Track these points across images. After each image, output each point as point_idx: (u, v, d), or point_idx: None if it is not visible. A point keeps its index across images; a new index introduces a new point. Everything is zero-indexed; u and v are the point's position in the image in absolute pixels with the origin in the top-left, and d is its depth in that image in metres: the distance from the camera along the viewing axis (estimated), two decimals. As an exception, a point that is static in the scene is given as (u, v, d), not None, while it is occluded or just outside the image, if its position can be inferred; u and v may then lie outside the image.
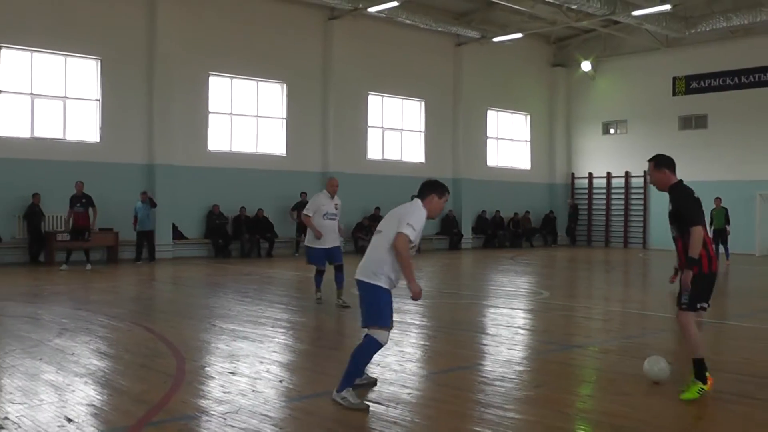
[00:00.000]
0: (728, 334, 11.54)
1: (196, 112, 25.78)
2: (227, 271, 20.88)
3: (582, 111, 36.99)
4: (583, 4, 26.54)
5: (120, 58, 24.06)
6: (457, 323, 12.31)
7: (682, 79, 32.73)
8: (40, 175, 22.30)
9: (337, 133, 28.76)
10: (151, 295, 16.31)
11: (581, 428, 6.47)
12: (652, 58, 33.86)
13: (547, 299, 15.56)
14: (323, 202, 13.32)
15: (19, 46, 22.37)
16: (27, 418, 6.26)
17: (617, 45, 34.88)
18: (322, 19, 28.68)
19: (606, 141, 36.40)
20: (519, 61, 35.25)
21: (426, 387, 7.88)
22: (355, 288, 7.55)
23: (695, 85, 32.42)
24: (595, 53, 35.52)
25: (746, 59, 30.60)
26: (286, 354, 9.55)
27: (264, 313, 12.76)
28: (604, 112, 36.22)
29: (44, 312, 12.54)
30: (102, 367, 8.39)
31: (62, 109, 23.29)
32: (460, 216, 32.88)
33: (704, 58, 31.95)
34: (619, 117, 35.81)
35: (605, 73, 36.04)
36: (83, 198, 20.67)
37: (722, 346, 10.33)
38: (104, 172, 23.40)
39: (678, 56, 33.00)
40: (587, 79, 36.43)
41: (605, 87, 36.05)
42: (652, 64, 33.91)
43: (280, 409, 6.79)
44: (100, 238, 22.76)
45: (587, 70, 35.98)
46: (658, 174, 7.99)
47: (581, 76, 36.46)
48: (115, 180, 23.69)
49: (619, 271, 24.57)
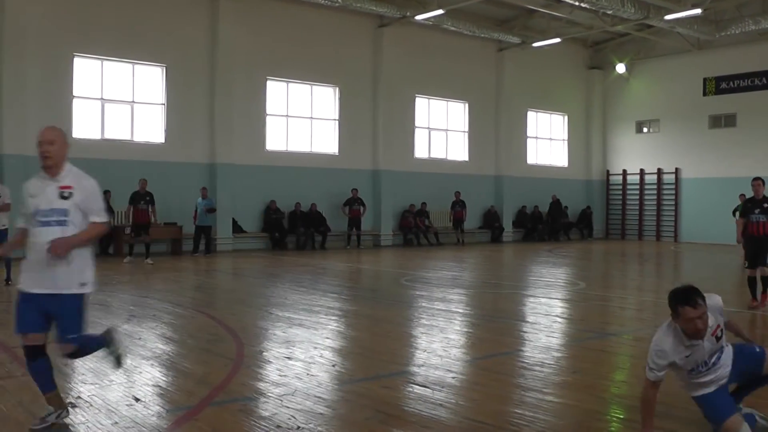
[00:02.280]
0: None
1: (255, 114, 25.92)
2: (283, 263, 20.97)
3: (617, 111, 36.58)
4: (618, 9, 26.21)
5: (184, 65, 24.29)
6: (498, 312, 12.24)
7: (712, 80, 32.20)
8: (110, 173, 22.47)
9: (385, 133, 28.75)
10: (212, 285, 16.45)
11: (616, 412, 6.39)
12: (684, 59, 33.35)
13: (583, 290, 15.41)
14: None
15: (91, 55, 22.64)
16: (98, 398, 6.34)
17: (650, 48, 34.42)
18: (372, 27, 28.67)
19: (639, 139, 35.96)
20: (557, 64, 34.94)
21: (469, 371, 7.84)
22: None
23: (725, 85, 31.88)
24: (630, 56, 35.09)
25: (775, 61, 30.09)
26: (338, 340, 9.56)
27: (318, 301, 12.78)
28: (638, 111, 35.78)
29: (113, 300, 12.68)
30: (167, 351, 8.46)
31: (130, 113, 23.56)
32: (501, 211, 32.69)
33: (733, 59, 31.39)
34: (652, 116, 35.35)
35: (639, 75, 35.59)
36: (147, 196, 20.62)
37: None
38: (169, 171, 23.66)
39: (708, 58, 32.46)
40: (622, 81, 35.99)
41: (639, 88, 35.60)
42: (683, 66, 33.40)
43: (332, 392, 6.79)
44: (164, 231, 22.99)
45: (622, 72, 35.56)
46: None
47: (616, 77, 36.03)
48: (179, 178, 23.93)
49: (652, 263, 24.27)
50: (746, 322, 10.68)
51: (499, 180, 32.91)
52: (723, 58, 31.84)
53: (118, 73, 23.32)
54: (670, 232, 34.40)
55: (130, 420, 5.72)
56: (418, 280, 16.59)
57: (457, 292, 14.72)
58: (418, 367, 7.86)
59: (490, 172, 32.79)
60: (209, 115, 24.72)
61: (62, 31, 21.92)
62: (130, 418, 5.76)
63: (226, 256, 22.86)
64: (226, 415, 5.95)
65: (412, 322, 11.04)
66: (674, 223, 34.21)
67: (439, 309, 12.04)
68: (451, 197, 30.27)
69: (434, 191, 30.13)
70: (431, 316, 11.35)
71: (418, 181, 29.80)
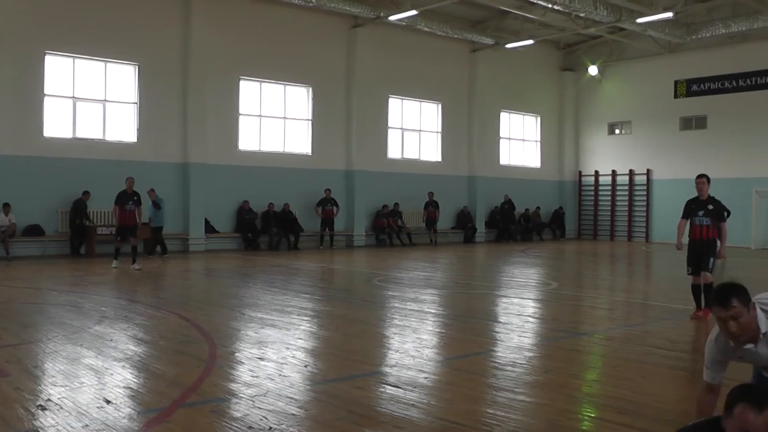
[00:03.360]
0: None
1: (228, 114, 25.83)
2: (256, 263, 20.91)
3: (589, 112, 36.85)
4: (591, 12, 26.39)
5: (156, 64, 24.15)
6: (471, 312, 12.27)
7: (683, 83, 32.51)
8: (82, 172, 22.42)
9: (359, 134, 28.75)
10: (185, 285, 16.35)
11: (587, 411, 6.42)
12: (655, 62, 33.68)
13: (555, 289, 15.50)
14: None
15: (62, 52, 22.47)
16: (68, 400, 6.28)
17: (622, 50, 34.72)
18: (346, 27, 28.66)
19: (611, 141, 36.24)
20: (530, 65, 35.12)
21: (442, 371, 7.85)
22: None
23: (696, 87, 32.20)
24: (602, 58, 35.36)
25: (743, 64, 30.38)
26: (311, 341, 9.54)
27: (290, 302, 12.76)
28: (610, 113, 36.07)
29: (85, 300, 12.58)
30: (139, 352, 8.41)
31: (102, 112, 23.40)
32: (474, 211, 32.81)
33: (704, 62, 31.73)
34: (624, 118, 35.64)
35: (611, 77, 35.86)
36: (134, 196, 18.81)
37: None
38: (141, 171, 23.47)
39: (679, 61, 32.80)
40: (594, 83, 36.26)
41: (611, 90, 35.87)
42: (655, 68, 33.72)
43: (305, 392, 6.78)
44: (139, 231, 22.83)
45: (594, 74, 35.84)
46: None
47: (588, 79, 36.32)
48: (152, 178, 23.77)
49: (623, 263, 24.45)
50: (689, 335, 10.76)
51: (472, 180, 33.02)
52: (694, 61, 32.18)
53: (90, 72, 23.16)
54: (642, 232, 34.68)
55: (100, 422, 5.67)
56: (391, 281, 16.60)
57: (430, 292, 14.74)
58: (390, 367, 7.86)
59: (463, 173, 32.90)
60: (182, 115, 24.61)
61: (33, 29, 21.74)
62: (101, 421, 5.71)
63: (198, 257, 22.76)
64: (197, 417, 5.92)
65: (384, 322, 11.04)
66: (645, 224, 34.50)
67: (411, 309, 12.06)
68: (424, 198, 30.32)
69: (407, 192, 30.16)
70: (404, 316, 11.36)
71: (391, 182, 29.84)
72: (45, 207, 22.06)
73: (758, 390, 4.10)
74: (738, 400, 3.98)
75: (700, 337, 9.85)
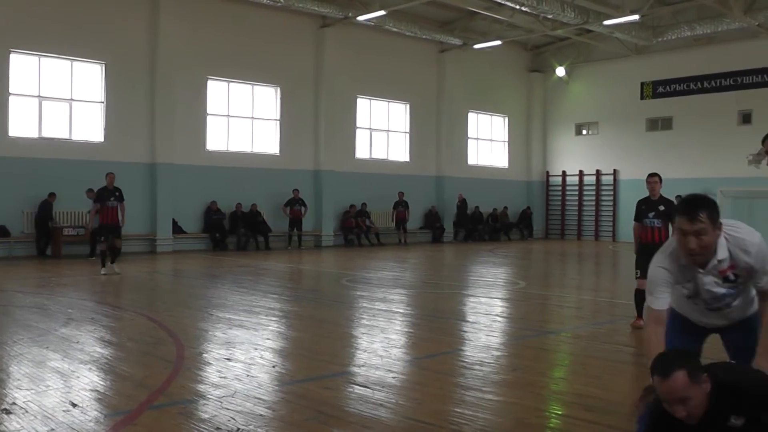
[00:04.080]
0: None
1: (195, 114, 25.68)
2: (224, 264, 20.81)
3: (556, 113, 37.10)
4: (559, 14, 26.58)
5: (123, 63, 23.95)
6: (439, 312, 12.30)
7: (650, 84, 32.77)
8: (48, 173, 22.18)
9: (327, 134, 28.71)
10: (152, 286, 16.24)
11: (555, 408, 6.47)
12: (622, 64, 34.02)
13: (523, 289, 15.58)
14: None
15: (27, 51, 22.22)
16: (34, 404, 6.21)
17: (590, 52, 35.01)
18: (314, 27, 28.61)
19: (579, 141, 36.52)
20: (498, 66, 35.29)
21: (410, 371, 7.86)
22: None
23: (661, 89, 32.47)
24: (569, 60, 35.62)
25: (709, 66, 30.66)
26: (279, 341, 9.52)
27: (258, 302, 12.72)
28: (577, 114, 36.35)
29: (51, 302, 12.45)
30: (105, 355, 8.34)
31: (69, 111, 23.17)
32: (442, 211, 32.90)
33: (670, 64, 32.03)
34: (591, 119, 35.94)
35: (578, 78, 36.14)
36: (116, 192, 17.32)
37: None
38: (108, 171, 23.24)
39: (646, 63, 33.14)
40: (562, 84, 36.52)
41: (578, 91, 36.15)
42: (621, 70, 34.06)
43: (272, 393, 6.76)
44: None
45: (561, 76, 36.10)
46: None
47: (556, 81, 36.58)
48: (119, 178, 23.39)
49: (590, 262, 24.64)
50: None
51: (440, 181, 33.11)
52: (660, 63, 32.50)
53: (56, 70, 22.92)
54: (609, 231, 34.99)
55: (66, 426, 5.61)
56: (359, 281, 16.61)
57: (398, 292, 14.76)
58: (358, 367, 7.87)
59: (431, 173, 32.99)
60: (149, 114, 24.43)
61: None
62: (67, 424, 5.65)
63: (166, 257, 22.61)
64: (165, 419, 5.88)
65: (353, 322, 11.04)
66: (612, 223, 34.82)
67: (380, 309, 12.07)
68: (392, 198, 30.35)
69: (376, 192, 30.17)
70: (372, 316, 11.37)
71: (359, 182, 29.83)
72: (10, 208, 21.78)
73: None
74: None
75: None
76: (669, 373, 3.64)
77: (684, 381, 3.62)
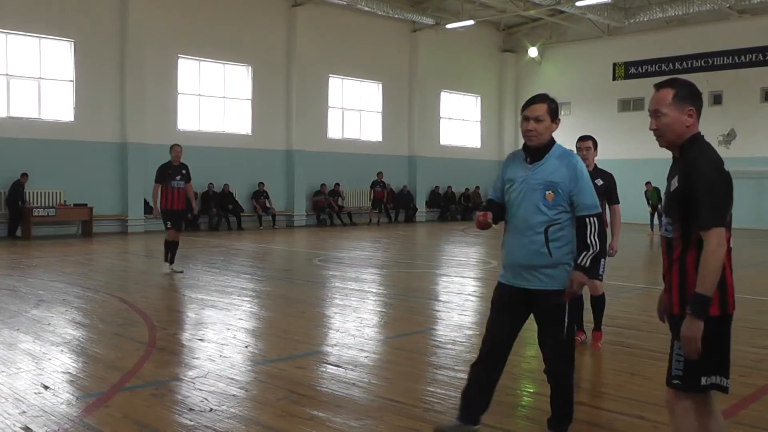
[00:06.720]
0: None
1: (166, 93, 25.47)
2: (196, 244, 20.73)
3: (529, 94, 35.64)
4: (530, -7, 26.65)
5: (93, 41, 23.66)
6: (411, 291, 12.35)
7: (622, 65, 32.94)
8: (17, 152, 21.92)
9: (299, 113, 28.61)
10: (124, 267, 16.17)
11: (527, 387, 6.57)
12: (594, 45, 34.17)
13: (495, 268, 15.65)
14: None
15: (-6, 29, 21.96)
16: (5, 386, 6.19)
17: (562, 33, 35.11)
18: (286, 6, 28.44)
19: (551, 122, 36.63)
20: (471, 46, 35.30)
21: (382, 350, 7.92)
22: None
23: (633, 70, 32.66)
24: (542, 40, 35.71)
25: (680, 47, 30.88)
26: (251, 321, 9.53)
27: (231, 282, 12.72)
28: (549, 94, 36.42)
29: (21, 284, 12.38)
30: (77, 336, 8.31)
31: (37, 90, 22.89)
32: (415, 191, 32.96)
33: (642, 45, 32.22)
34: (563, 99, 35.99)
35: (551, 59, 36.25)
36: (183, 169, 13.99)
37: (652, 309, 10.45)
38: (79, 151, 23.11)
39: (618, 44, 33.32)
40: (534, 64, 36.61)
41: (550, 72, 36.25)
42: (594, 51, 34.22)
43: (245, 373, 6.79)
44: (75, 212, 22.50)
45: (534, 56, 36.18)
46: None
47: (528, 61, 36.65)
48: (89, 158, 23.40)
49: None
50: (625, 312, 10.98)
51: (413, 160, 33.14)
52: (632, 45, 32.69)
53: (24, 48, 22.61)
54: (579, 211, 35.19)
55: (38, 408, 5.61)
56: (332, 260, 16.63)
57: (371, 271, 14.81)
58: (331, 347, 7.91)
59: (404, 153, 33.01)
60: (120, 93, 24.18)
61: (-37, 5, 21.18)
62: (39, 407, 5.64)
63: (137, 238, 22.49)
64: (137, 400, 5.89)
65: (325, 302, 11.07)
66: (583, 204, 35.01)
67: (352, 289, 12.11)
68: (365, 177, 30.32)
69: (348, 171, 30.15)
70: (344, 296, 11.41)
71: (331, 162, 29.78)
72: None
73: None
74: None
75: (637, 314, 10.08)
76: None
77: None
